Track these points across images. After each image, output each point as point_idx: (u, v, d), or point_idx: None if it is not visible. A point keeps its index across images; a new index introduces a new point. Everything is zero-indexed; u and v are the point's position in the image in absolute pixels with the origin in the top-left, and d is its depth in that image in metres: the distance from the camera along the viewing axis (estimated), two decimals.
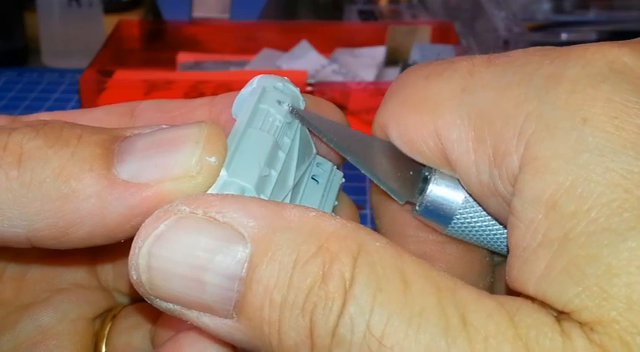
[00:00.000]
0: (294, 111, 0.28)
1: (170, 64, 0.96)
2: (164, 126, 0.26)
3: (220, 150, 0.25)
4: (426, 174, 0.29)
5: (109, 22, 1.02)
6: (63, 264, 0.32)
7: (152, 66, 0.97)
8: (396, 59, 0.97)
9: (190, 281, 0.22)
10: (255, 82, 0.29)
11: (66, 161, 0.24)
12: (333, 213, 0.30)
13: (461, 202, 0.29)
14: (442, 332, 0.21)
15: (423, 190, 0.29)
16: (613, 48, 0.24)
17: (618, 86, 0.23)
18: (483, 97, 0.25)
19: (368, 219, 0.67)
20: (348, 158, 0.29)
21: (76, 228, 0.25)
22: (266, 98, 0.28)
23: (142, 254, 0.22)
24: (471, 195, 0.28)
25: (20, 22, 1.03)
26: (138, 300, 0.33)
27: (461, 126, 0.26)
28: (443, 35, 0.99)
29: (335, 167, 0.32)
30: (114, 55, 0.95)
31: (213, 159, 0.24)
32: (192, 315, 0.23)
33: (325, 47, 0.98)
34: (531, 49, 0.26)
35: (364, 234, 0.23)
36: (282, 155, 0.27)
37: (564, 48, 0.25)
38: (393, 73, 0.93)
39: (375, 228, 0.31)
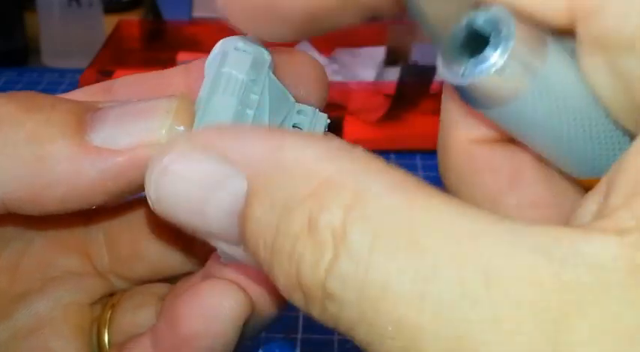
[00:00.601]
0: None
1: (170, 64, 0.95)
2: (136, 100, 0.27)
3: (189, 120, 0.26)
4: (491, 35, 0.20)
5: (109, 22, 1.02)
6: (58, 227, 0.32)
7: (152, 66, 0.96)
8: (396, 59, 0.97)
9: (196, 214, 0.22)
10: (217, 47, 0.30)
11: (40, 125, 0.25)
12: None
13: (529, 85, 0.20)
14: (463, 296, 0.17)
15: (475, 48, 0.20)
16: None
17: None
18: None
19: None
20: None
21: (49, 191, 0.25)
22: (227, 61, 0.29)
23: (151, 184, 0.23)
24: (554, 68, 0.20)
25: (20, 22, 1.03)
26: (138, 283, 0.33)
27: None
28: None
29: (317, 110, 0.31)
30: (114, 55, 0.95)
31: (181, 128, 0.25)
32: (209, 238, 0.23)
33: (325, 47, 0.98)
34: None
35: (366, 177, 0.19)
36: (250, 112, 0.27)
37: None
38: (393, 73, 0.93)
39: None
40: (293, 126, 0.30)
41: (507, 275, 0.17)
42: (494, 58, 0.20)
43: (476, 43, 0.20)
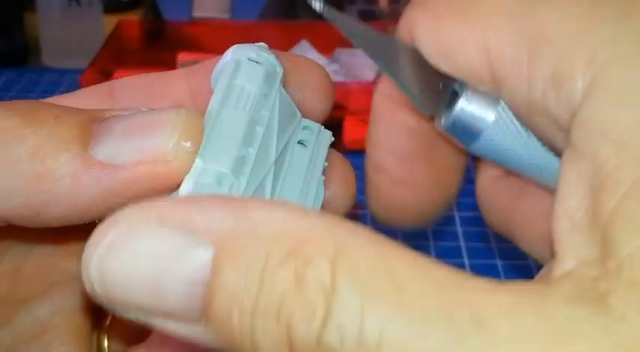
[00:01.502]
0: (327, 12, 0.27)
1: (170, 64, 0.96)
2: (143, 109, 0.26)
3: (196, 136, 0.25)
4: (455, 88, 0.27)
5: (109, 22, 1.02)
6: (60, 243, 0.32)
7: (152, 66, 0.96)
8: None
9: (149, 291, 0.20)
10: (229, 55, 0.29)
11: (42, 140, 0.24)
12: (323, 176, 0.30)
13: (491, 121, 0.27)
14: (453, 336, 0.18)
15: (450, 104, 0.27)
16: None
17: None
18: (548, 12, 0.23)
19: (368, 219, 0.66)
20: (376, 62, 0.27)
21: (50, 206, 0.25)
22: (240, 72, 0.28)
23: (93, 266, 0.21)
24: (504, 115, 0.26)
25: (20, 22, 1.03)
26: None
27: (517, 41, 0.23)
28: None
29: (322, 127, 0.31)
30: (114, 55, 0.95)
31: (189, 144, 0.24)
32: (158, 322, 0.21)
33: (325, 47, 0.98)
34: None
35: (342, 231, 0.20)
36: (260, 130, 0.26)
37: None
38: None
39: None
40: (298, 143, 0.30)
41: (494, 319, 0.18)
42: (462, 104, 0.27)
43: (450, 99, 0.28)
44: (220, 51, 0.30)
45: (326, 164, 0.30)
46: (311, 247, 0.19)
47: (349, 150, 0.67)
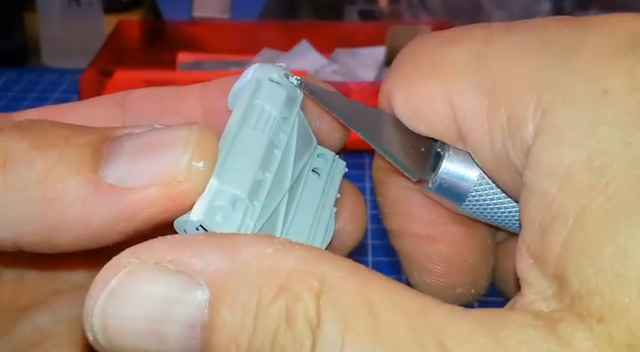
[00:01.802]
0: (304, 86, 0.27)
1: (170, 64, 0.96)
2: (157, 125, 0.25)
3: (210, 155, 0.24)
4: (438, 150, 0.28)
5: (109, 22, 1.02)
6: (61, 269, 0.32)
7: (152, 66, 0.96)
8: None
9: (150, 336, 0.21)
10: (250, 73, 0.28)
11: (51, 164, 0.24)
12: (335, 208, 0.29)
13: (476, 179, 0.28)
14: None
15: (435, 167, 0.28)
16: (635, 19, 0.23)
17: None
18: (499, 64, 0.24)
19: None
20: (360, 134, 0.28)
21: (61, 232, 0.24)
22: (260, 92, 0.27)
23: (95, 314, 0.21)
24: (483, 170, 0.27)
25: (20, 22, 1.03)
26: None
27: (475, 95, 0.25)
28: None
29: (337, 157, 0.30)
30: (114, 55, 0.95)
31: (201, 164, 0.24)
32: None
33: (325, 47, 0.98)
34: (551, 17, 0.26)
35: (325, 264, 0.21)
36: (277, 154, 0.26)
37: (585, 17, 0.25)
38: None
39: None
40: (312, 171, 0.29)
41: (456, 345, 0.20)
42: (445, 165, 0.28)
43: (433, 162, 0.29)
44: (220, 51, 0.30)
45: (339, 195, 0.30)
46: (298, 283, 0.21)
47: (349, 150, 0.67)
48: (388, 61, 0.97)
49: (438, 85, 0.26)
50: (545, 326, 0.20)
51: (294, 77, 0.27)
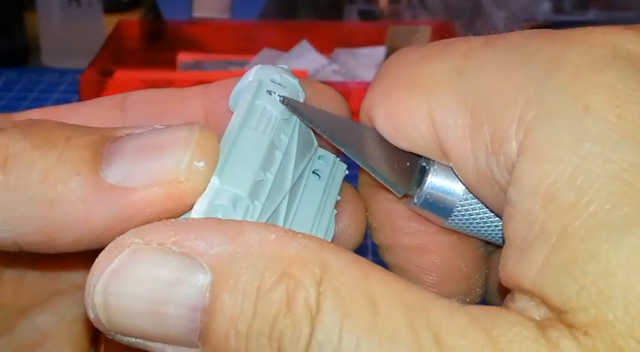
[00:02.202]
0: (287, 103, 0.27)
1: (170, 64, 0.96)
2: (157, 126, 0.25)
3: (210, 155, 0.24)
4: (423, 164, 0.28)
5: (109, 22, 1.02)
6: (61, 269, 0.32)
7: (152, 66, 0.97)
8: None
9: (151, 316, 0.21)
10: (251, 75, 0.28)
11: (52, 164, 0.24)
12: (335, 210, 0.29)
13: (461, 194, 0.27)
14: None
15: (420, 182, 0.28)
16: (616, 33, 0.23)
17: (621, 73, 0.22)
18: (480, 80, 0.24)
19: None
20: (344, 150, 0.27)
21: (62, 233, 0.24)
22: (262, 93, 0.27)
23: (97, 292, 0.22)
24: (467, 187, 0.27)
25: (20, 22, 1.03)
26: None
27: (457, 111, 0.25)
28: (443, 35, 0.98)
29: (338, 159, 0.30)
30: (114, 55, 0.95)
31: (201, 164, 0.23)
32: (156, 347, 0.22)
33: (325, 47, 0.98)
34: (530, 31, 0.25)
35: (327, 253, 0.22)
36: (278, 155, 0.26)
37: (565, 30, 0.24)
38: None
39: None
40: (313, 172, 0.29)
41: (451, 338, 0.20)
42: (431, 179, 0.27)
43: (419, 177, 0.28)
44: (220, 51, 0.30)
45: (339, 198, 0.30)
46: (300, 269, 0.21)
47: None
48: None
49: (419, 102, 0.26)
50: (536, 327, 0.21)
51: (277, 94, 0.27)
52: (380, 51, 0.98)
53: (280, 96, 0.27)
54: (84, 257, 0.31)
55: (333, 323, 0.20)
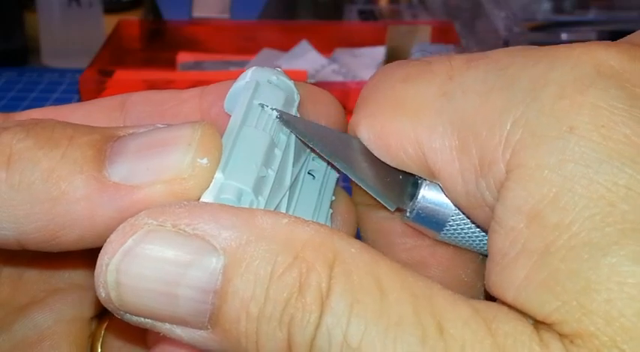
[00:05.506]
0: (281, 117, 0.27)
1: (170, 64, 0.96)
2: (159, 125, 0.26)
3: (213, 152, 0.24)
4: (416, 178, 0.28)
5: (109, 22, 1.02)
6: (60, 268, 0.32)
7: (152, 66, 0.97)
8: (396, 59, 0.97)
9: (162, 296, 0.22)
10: (248, 75, 0.28)
11: (56, 163, 0.24)
12: (330, 210, 0.30)
13: (453, 207, 0.27)
14: (419, 341, 0.21)
15: (413, 195, 0.28)
16: (600, 50, 0.23)
17: (605, 92, 0.22)
18: (466, 103, 0.24)
19: None
20: (337, 165, 0.28)
21: (66, 231, 0.24)
22: (260, 93, 0.27)
23: (109, 271, 0.22)
24: (457, 207, 0.27)
25: (20, 22, 1.03)
26: None
27: (444, 134, 0.25)
28: (443, 35, 0.99)
29: None
30: (114, 55, 0.95)
31: (205, 161, 0.24)
32: (165, 327, 0.22)
33: (325, 47, 0.98)
34: (512, 49, 0.26)
35: (339, 239, 0.22)
36: (278, 153, 0.26)
37: (548, 48, 0.25)
38: None
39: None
40: (308, 173, 0.29)
41: (453, 327, 0.21)
42: (424, 192, 0.27)
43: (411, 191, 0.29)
44: (220, 51, 0.30)
45: (333, 198, 0.30)
46: (313, 253, 0.21)
47: None
48: (388, 61, 0.97)
49: (405, 124, 0.26)
50: (533, 326, 0.22)
51: (270, 107, 0.27)
52: (380, 51, 0.98)
53: (272, 109, 0.27)
54: (83, 256, 0.31)
55: (343, 307, 0.21)
